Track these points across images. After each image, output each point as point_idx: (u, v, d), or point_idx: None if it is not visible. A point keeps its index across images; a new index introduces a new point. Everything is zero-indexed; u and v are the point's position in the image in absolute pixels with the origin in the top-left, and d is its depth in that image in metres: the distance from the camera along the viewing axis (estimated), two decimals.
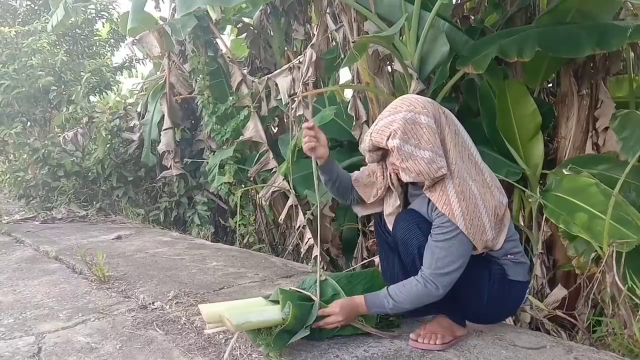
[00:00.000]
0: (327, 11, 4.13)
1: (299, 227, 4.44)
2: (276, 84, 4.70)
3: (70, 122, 7.08)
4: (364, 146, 1.99)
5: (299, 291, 2.08)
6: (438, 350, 1.93)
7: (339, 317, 1.93)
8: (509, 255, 1.97)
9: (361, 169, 2.24)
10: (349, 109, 3.82)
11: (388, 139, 1.82)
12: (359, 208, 2.33)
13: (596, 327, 2.62)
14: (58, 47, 8.09)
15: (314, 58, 4.13)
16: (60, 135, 7.16)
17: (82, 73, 7.39)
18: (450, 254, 1.80)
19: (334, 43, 4.67)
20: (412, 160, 1.79)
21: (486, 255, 1.96)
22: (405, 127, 1.79)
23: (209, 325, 1.92)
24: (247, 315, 1.87)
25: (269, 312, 1.93)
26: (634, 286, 2.28)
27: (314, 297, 2.01)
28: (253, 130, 4.98)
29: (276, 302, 2.00)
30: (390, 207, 2.12)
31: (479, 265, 1.93)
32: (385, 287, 1.95)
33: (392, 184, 2.08)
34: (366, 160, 2.05)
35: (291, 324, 1.88)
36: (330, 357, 1.90)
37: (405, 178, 1.87)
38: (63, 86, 7.45)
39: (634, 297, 2.27)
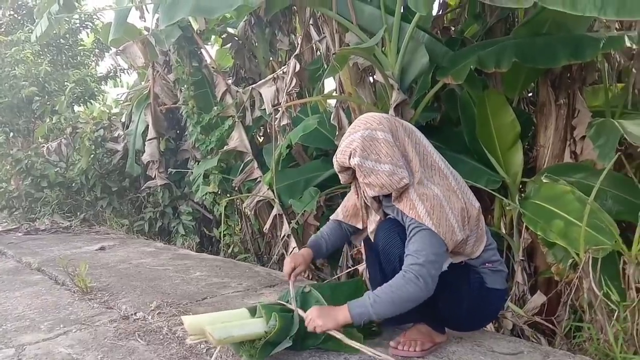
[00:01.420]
0: (311, 22, 4.19)
1: (283, 236, 4.45)
2: (260, 94, 4.73)
3: (53, 132, 7.05)
4: (335, 168, 2.05)
5: (281, 304, 2.10)
6: (418, 357, 1.96)
7: (317, 320, 1.87)
8: (487, 264, 2.01)
9: (343, 203, 2.34)
10: (331, 118, 3.85)
11: (350, 158, 1.91)
12: (354, 237, 2.40)
13: (576, 332, 2.66)
14: (42, 57, 8.05)
15: (297, 68, 4.17)
16: (43, 146, 7.12)
17: (66, 83, 7.36)
18: (423, 245, 1.81)
19: (318, 53, 4.72)
20: (374, 175, 1.87)
21: (465, 264, 2.00)
22: (364, 144, 1.88)
23: (191, 337, 1.93)
24: (229, 330, 1.87)
25: (250, 326, 1.94)
26: (609, 292, 2.32)
27: (292, 308, 2.03)
28: (237, 140, 5.00)
29: (259, 317, 2.01)
30: (373, 223, 2.16)
31: (457, 273, 1.97)
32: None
33: (367, 200, 2.13)
34: (341, 181, 2.09)
35: (275, 335, 1.90)
36: None
37: (370, 193, 1.94)
38: (47, 96, 7.41)
39: (609, 303, 2.31)
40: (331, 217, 2.37)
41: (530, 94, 4.33)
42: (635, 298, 2.23)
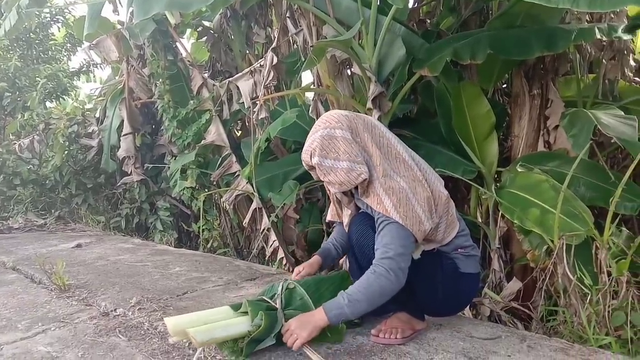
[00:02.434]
0: (287, 15, 4.17)
1: (263, 229, 4.45)
2: (238, 88, 4.70)
3: (25, 129, 6.91)
4: (305, 166, 2.09)
5: (266, 301, 2.10)
6: (399, 344, 1.99)
7: (299, 332, 1.85)
8: (459, 250, 2.06)
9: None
10: (310, 111, 3.86)
11: (311, 158, 1.96)
12: None
13: (550, 317, 2.74)
14: (11, 52, 7.87)
15: (275, 61, 4.15)
16: (15, 143, 6.97)
17: (37, 78, 7.21)
18: (391, 238, 1.85)
19: (295, 46, 4.71)
20: (333, 173, 1.92)
21: (437, 251, 2.04)
22: (323, 143, 1.92)
23: (174, 339, 1.92)
24: (211, 332, 1.86)
25: (234, 327, 1.93)
26: (583, 276, 2.39)
27: (277, 307, 2.04)
28: (215, 134, 4.97)
29: (244, 312, 2.02)
30: (346, 217, 2.23)
31: (430, 260, 2.02)
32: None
33: (337, 197, 2.19)
34: (313, 177, 2.13)
35: (259, 334, 1.90)
36: (294, 355, 1.93)
37: (332, 190, 2.01)
38: (17, 92, 7.26)
39: (582, 287, 2.38)
40: (327, 220, 2.44)
41: (504, 85, 4.40)
42: (607, 281, 2.30)
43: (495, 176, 3.49)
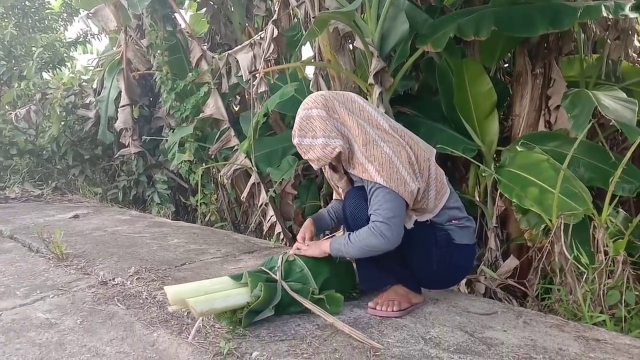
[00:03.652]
0: None
1: (261, 204, 4.45)
2: (237, 61, 4.65)
3: (21, 98, 6.84)
4: None
5: (266, 272, 2.11)
6: (395, 317, 2.01)
7: (308, 248, 2.18)
8: (453, 221, 2.09)
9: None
10: (310, 86, 3.83)
11: (294, 138, 2.06)
12: None
13: (545, 295, 2.76)
14: (6, 20, 7.74)
15: (275, 34, 4.10)
16: (11, 113, 6.90)
17: (33, 48, 7.10)
18: (379, 204, 1.91)
19: (295, 20, 4.65)
20: (311, 150, 2.01)
21: (430, 222, 2.06)
22: (301, 124, 2.03)
23: (173, 307, 1.93)
24: (211, 302, 1.87)
25: (233, 297, 1.94)
26: (579, 255, 2.41)
27: (277, 278, 2.05)
28: (213, 107, 4.94)
29: (244, 283, 2.02)
30: (343, 193, 2.28)
31: (424, 232, 2.04)
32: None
33: (327, 174, 2.29)
34: None
35: (259, 305, 1.92)
36: (292, 325, 1.95)
37: (315, 167, 2.09)
38: (13, 61, 7.15)
39: (579, 266, 2.40)
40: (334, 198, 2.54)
41: (506, 65, 4.37)
42: (603, 261, 2.32)
43: (495, 155, 3.48)
